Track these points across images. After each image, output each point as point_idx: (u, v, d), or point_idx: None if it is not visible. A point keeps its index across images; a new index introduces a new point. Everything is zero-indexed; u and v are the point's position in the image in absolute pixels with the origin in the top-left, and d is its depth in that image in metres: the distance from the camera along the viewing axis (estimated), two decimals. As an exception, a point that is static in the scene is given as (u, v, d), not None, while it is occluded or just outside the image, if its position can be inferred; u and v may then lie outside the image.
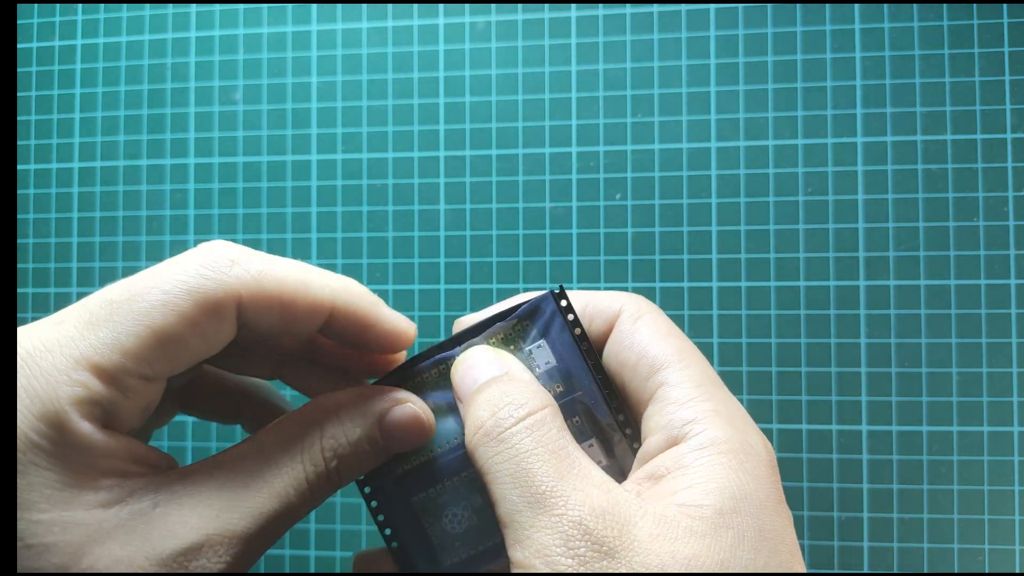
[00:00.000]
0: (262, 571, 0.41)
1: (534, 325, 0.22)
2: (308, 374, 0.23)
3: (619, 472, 0.22)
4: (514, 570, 0.17)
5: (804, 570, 0.18)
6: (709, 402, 0.19)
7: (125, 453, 0.16)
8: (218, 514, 0.16)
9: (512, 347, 0.22)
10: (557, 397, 0.22)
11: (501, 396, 0.19)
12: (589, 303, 0.22)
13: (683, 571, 0.16)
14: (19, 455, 0.15)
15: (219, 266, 0.17)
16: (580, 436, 0.22)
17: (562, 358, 0.22)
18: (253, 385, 0.24)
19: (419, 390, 0.22)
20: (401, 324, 0.21)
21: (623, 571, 0.16)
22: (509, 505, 0.17)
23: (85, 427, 0.16)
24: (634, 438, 0.22)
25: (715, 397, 0.19)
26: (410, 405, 0.21)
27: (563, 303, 0.22)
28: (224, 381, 0.23)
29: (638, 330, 0.21)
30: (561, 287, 0.22)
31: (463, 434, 0.20)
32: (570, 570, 0.16)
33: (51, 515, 0.15)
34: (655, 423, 0.20)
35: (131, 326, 0.16)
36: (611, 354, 0.21)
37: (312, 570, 0.41)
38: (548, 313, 0.22)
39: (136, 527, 0.15)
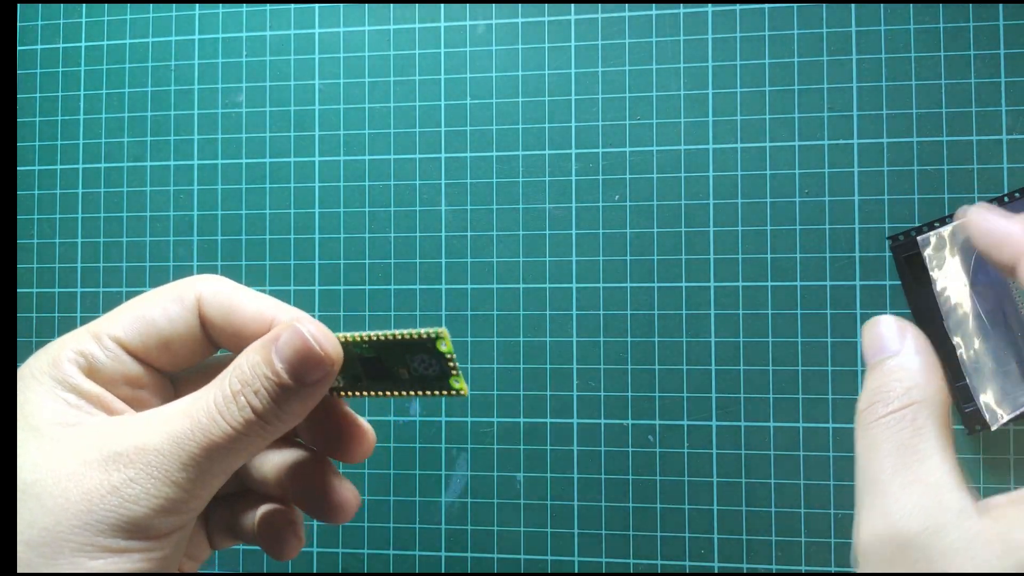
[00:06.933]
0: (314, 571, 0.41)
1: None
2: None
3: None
4: None
5: None
6: None
7: (98, 395, 0.21)
8: (138, 432, 0.20)
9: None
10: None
11: (878, 389, 0.20)
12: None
13: None
14: (31, 379, 0.21)
15: (194, 277, 0.23)
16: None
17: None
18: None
19: None
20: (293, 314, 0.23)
21: (903, 569, 0.17)
22: (856, 482, 0.19)
23: (69, 368, 0.21)
24: None
25: None
26: (297, 326, 0.20)
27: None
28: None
29: None
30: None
31: None
32: (871, 549, 0.18)
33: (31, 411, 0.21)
34: None
35: (121, 311, 0.22)
36: None
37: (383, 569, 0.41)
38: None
39: (83, 434, 0.20)
